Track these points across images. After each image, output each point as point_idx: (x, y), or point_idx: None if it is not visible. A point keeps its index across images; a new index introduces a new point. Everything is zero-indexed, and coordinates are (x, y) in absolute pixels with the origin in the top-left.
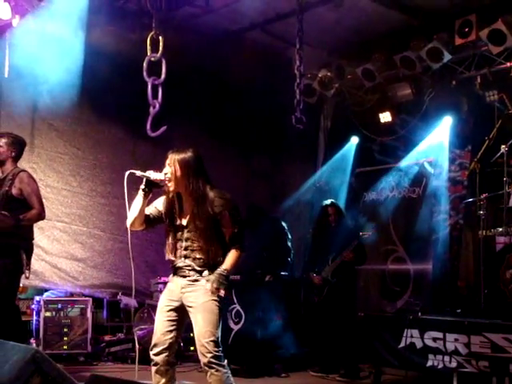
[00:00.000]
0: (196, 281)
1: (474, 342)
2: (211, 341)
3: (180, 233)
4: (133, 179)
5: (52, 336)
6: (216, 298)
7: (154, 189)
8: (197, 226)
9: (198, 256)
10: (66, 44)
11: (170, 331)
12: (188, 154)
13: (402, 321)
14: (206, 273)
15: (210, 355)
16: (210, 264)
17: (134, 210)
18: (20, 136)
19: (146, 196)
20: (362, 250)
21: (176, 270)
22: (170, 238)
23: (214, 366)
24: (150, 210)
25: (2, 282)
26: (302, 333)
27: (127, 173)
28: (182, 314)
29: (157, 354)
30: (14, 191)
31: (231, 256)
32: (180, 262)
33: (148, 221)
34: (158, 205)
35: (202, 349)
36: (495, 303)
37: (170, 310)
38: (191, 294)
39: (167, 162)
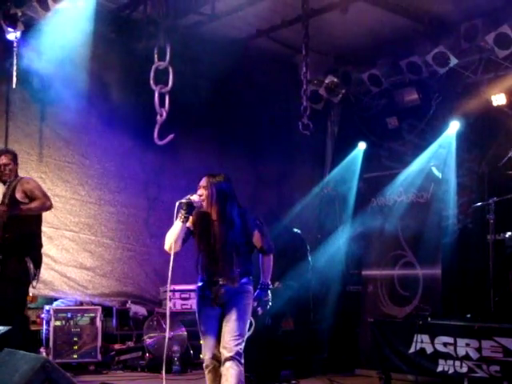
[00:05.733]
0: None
1: (485, 346)
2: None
3: (211, 255)
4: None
5: (62, 345)
6: None
7: (192, 211)
8: (227, 250)
9: (227, 276)
10: (73, 53)
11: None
12: (222, 178)
13: (411, 326)
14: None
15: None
16: (236, 282)
17: (173, 234)
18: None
19: (186, 220)
20: None
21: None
22: (202, 259)
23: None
24: None
25: (7, 292)
26: (313, 339)
27: (177, 203)
28: None
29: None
30: (18, 195)
31: (267, 264)
32: (211, 282)
33: (183, 242)
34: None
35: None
36: (505, 307)
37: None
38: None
39: (202, 183)
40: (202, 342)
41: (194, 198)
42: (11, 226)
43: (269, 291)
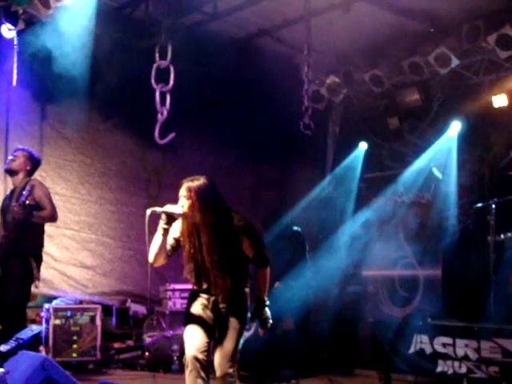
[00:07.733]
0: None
1: (484, 347)
2: None
3: (200, 264)
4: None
5: (61, 343)
6: None
7: (173, 222)
8: (215, 260)
9: (218, 288)
10: (74, 52)
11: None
12: (203, 183)
13: (411, 326)
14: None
15: None
16: (229, 293)
17: (155, 247)
18: (38, 156)
19: (167, 232)
20: None
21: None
22: (191, 268)
23: None
24: (169, 241)
25: (11, 291)
26: (313, 339)
27: (149, 212)
28: None
29: None
30: (29, 198)
31: (262, 278)
32: (203, 292)
33: (169, 253)
34: (174, 233)
35: None
36: (505, 308)
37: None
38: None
39: (182, 192)
40: (185, 340)
41: (174, 209)
42: (20, 226)
43: (266, 308)
